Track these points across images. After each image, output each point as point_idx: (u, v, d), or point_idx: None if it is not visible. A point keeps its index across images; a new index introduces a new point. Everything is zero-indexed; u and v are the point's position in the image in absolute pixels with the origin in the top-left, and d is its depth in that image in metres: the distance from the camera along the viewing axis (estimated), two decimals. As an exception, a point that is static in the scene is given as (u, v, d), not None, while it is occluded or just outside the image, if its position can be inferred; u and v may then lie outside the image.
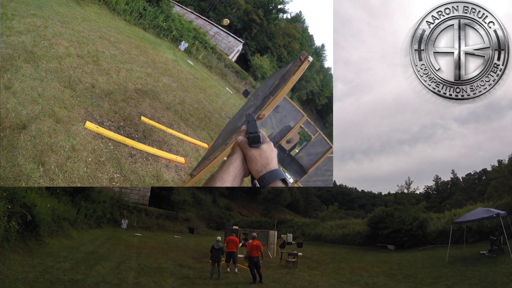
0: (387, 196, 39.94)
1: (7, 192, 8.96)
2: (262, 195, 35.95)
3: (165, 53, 24.16)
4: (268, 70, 40.60)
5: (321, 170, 14.97)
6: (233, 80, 36.80)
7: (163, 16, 30.43)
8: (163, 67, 19.38)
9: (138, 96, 11.94)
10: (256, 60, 40.28)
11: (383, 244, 20.54)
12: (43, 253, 9.94)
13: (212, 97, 22.35)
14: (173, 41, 31.57)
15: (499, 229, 13.64)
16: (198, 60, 33.08)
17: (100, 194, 22.00)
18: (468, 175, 44.42)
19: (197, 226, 27.63)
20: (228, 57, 38.78)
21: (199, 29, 36.15)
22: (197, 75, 25.69)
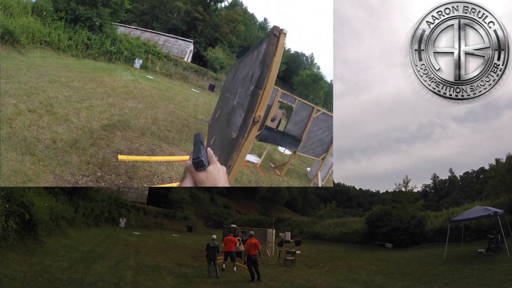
0: (385, 194, 40.08)
1: (5, 191, 8.92)
2: (260, 194, 35.98)
3: (122, 76, 23.68)
4: (224, 58, 41.94)
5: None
6: (195, 79, 37.54)
7: (110, 40, 30.03)
8: (124, 91, 18.66)
9: (107, 134, 11.01)
10: (210, 53, 41.30)
11: (381, 242, 20.60)
12: (41, 252, 9.92)
13: (182, 103, 22.15)
14: (126, 61, 31.27)
15: (497, 227, 13.70)
16: (156, 72, 33.44)
17: (98, 193, 21.96)
18: (466, 173, 44.59)
19: (195, 225, 27.65)
20: (184, 60, 39.66)
21: (148, 42, 36.61)
22: (160, 87, 25.60)
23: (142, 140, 11.70)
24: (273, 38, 3.24)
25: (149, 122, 14.13)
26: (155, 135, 12.75)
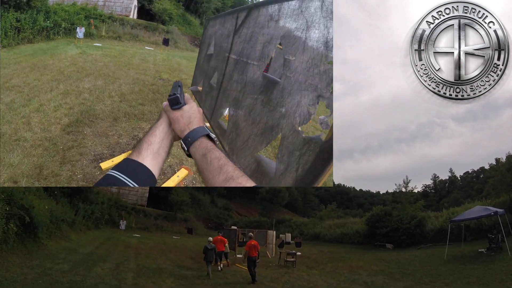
0: (385, 195, 40.06)
1: (5, 194, 8.92)
2: (260, 195, 35.98)
3: (67, 52, 21.17)
4: (173, 9, 40.01)
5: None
6: (147, 36, 35.14)
7: (42, 15, 25.81)
8: (74, 69, 16.60)
9: (74, 137, 9.34)
10: (158, 5, 38.84)
11: (381, 243, 20.59)
12: (42, 255, 9.90)
13: (141, 65, 20.61)
14: (67, 34, 27.88)
15: (497, 227, 13.69)
16: (103, 37, 30.72)
17: (98, 195, 21.97)
18: (466, 173, 44.62)
19: (195, 227, 27.64)
20: (130, 18, 36.56)
21: (87, 6, 32.68)
22: (113, 53, 23.35)
23: (118, 128, 10.26)
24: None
25: (117, 101, 12.56)
26: (129, 116, 11.32)
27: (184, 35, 39.37)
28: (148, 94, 14.07)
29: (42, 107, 11.11)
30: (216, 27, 9.09)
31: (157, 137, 1.38)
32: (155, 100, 13.36)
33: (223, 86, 6.67)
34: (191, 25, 44.24)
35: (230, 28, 6.92)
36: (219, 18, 9.21)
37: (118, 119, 10.86)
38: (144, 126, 10.68)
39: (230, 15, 7.44)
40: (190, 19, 45.45)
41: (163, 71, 19.81)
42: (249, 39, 5.33)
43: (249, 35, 5.39)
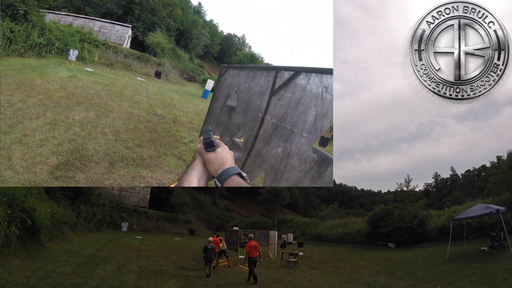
0: (386, 194, 39.89)
1: (7, 197, 8.94)
2: (261, 196, 35.94)
3: (57, 73, 20.06)
4: (166, 43, 40.87)
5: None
6: (139, 66, 34.97)
7: (37, 30, 25.10)
8: (64, 95, 15.25)
9: (64, 183, 8.28)
10: (152, 38, 39.48)
11: (383, 242, 20.56)
12: (44, 257, 9.92)
13: (134, 98, 19.63)
14: (59, 54, 26.92)
15: (499, 225, 13.67)
16: (95, 63, 29.99)
17: (100, 198, 21.98)
18: (467, 171, 44.41)
19: (197, 228, 27.62)
20: (123, 47, 36.60)
21: (82, 29, 32.48)
22: (104, 81, 22.42)
23: (115, 175, 9.08)
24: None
25: (112, 140, 11.37)
26: (127, 160, 10.07)
27: (175, 68, 40.05)
28: (144, 134, 13.04)
29: (25, 138, 9.73)
30: (240, 79, 8.51)
31: (195, 177, 1.55)
32: (153, 141, 12.35)
33: (255, 149, 6.31)
34: (180, 59, 45.58)
35: (264, 85, 6.55)
36: (245, 70, 8.53)
37: (115, 164, 9.64)
38: (145, 175, 9.56)
39: (263, 70, 6.94)
40: (180, 53, 46.94)
41: (156, 105, 19.31)
42: (295, 106, 5.12)
43: (295, 101, 5.17)
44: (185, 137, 14.16)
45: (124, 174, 9.31)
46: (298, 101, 5.06)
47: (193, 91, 34.97)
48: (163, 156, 11.28)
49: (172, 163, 10.87)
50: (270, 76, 6.28)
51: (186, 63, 45.58)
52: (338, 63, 10.14)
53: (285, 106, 5.41)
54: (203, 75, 44.03)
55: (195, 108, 22.90)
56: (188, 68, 44.29)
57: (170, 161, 10.94)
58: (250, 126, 6.69)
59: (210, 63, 55.06)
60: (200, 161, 1.61)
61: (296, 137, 4.91)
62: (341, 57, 9.90)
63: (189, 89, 35.77)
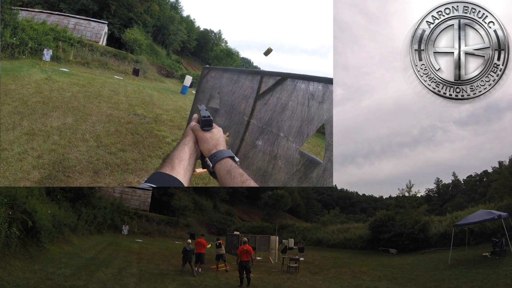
0: (388, 199, 39.87)
1: (8, 198, 8.95)
2: (263, 200, 35.90)
3: (31, 76, 19.09)
4: (143, 40, 40.20)
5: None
6: (116, 64, 33.88)
7: (9, 30, 23.80)
8: (40, 100, 14.52)
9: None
10: (129, 35, 38.47)
11: (385, 248, 20.48)
12: (44, 259, 9.91)
13: (112, 98, 18.98)
14: (32, 54, 25.76)
15: (501, 230, 13.60)
16: (71, 62, 28.72)
17: (101, 200, 22.02)
18: (469, 177, 44.33)
19: (198, 232, 27.55)
20: (99, 44, 35.17)
21: (57, 27, 30.77)
22: (81, 82, 21.51)
23: (100, 184, 9.02)
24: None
25: (93, 146, 10.89)
26: (112, 167, 9.73)
27: (152, 65, 39.67)
28: (126, 136, 12.61)
29: (3, 152, 9.08)
30: (223, 81, 8.45)
31: (186, 154, 1.54)
32: (136, 143, 11.97)
33: (241, 151, 6.29)
34: (158, 55, 45.50)
35: (249, 89, 6.53)
36: (228, 72, 8.41)
37: (100, 172, 9.31)
38: (131, 180, 9.32)
39: (248, 74, 6.91)
40: (157, 49, 46.87)
41: (136, 104, 18.76)
42: (281, 111, 5.18)
43: (281, 106, 5.24)
44: (168, 136, 14.02)
45: (111, 182, 9.08)
46: (284, 106, 5.13)
47: (171, 87, 34.40)
48: (147, 158, 11.01)
49: (157, 164, 10.48)
50: (255, 80, 6.28)
51: (163, 59, 45.57)
52: (339, 69, 10.21)
53: (271, 111, 5.45)
54: (180, 71, 43.93)
55: (175, 105, 22.69)
56: (165, 64, 44.25)
57: (155, 163, 10.73)
58: (235, 129, 6.69)
59: (187, 58, 55.77)
60: (192, 139, 1.61)
61: (282, 141, 4.97)
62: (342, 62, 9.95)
63: (167, 85, 35.31)
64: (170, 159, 1.50)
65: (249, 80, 6.61)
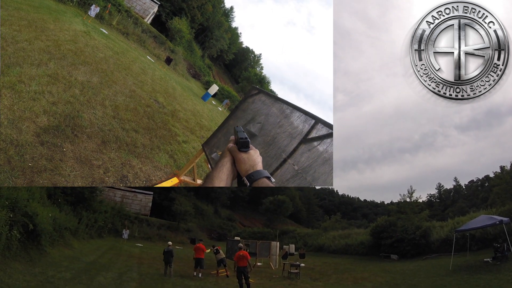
0: (389, 205, 39.69)
1: (9, 200, 8.96)
2: (264, 206, 35.82)
3: (71, 24, 18.58)
4: (187, 33, 39.94)
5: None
6: (152, 46, 33.85)
7: None
8: (73, 49, 14.19)
9: (50, 151, 7.26)
10: (175, 23, 38.50)
11: (386, 254, 20.38)
12: (44, 262, 9.90)
13: (140, 76, 18.69)
14: (80, 5, 25.50)
15: (503, 236, 13.55)
16: (112, 27, 28.42)
17: (102, 204, 22.01)
18: (471, 182, 44.17)
19: (198, 237, 27.50)
20: (144, 21, 34.87)
21: None
22: (116, 48, 21.25)
23: (105, 157, 8.39)
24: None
25: (110, 115, 10.54)
26: (121, 143, 9.43)
27: (185, 60, 39.38)
28: (142, 119, 12.33)
29: (19, 85, 8.61)
30: (273, 110, 7.86)
31: (225, 174, 1.63)
32: (149, 129, 11.64)
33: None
34: (193, 53, 45.05)
35: (298, 129, 6.12)
36: (282, 103, 7.74)
37: (107, 144, 8.98)
38: (135, 165, 9.01)
39: (302, 114, 6.38)
40: (195, 47, 46.35)
41: (159, 91, 18.55)
42: (322, 163, 4.95)
43: (323, 159, 5.02)
44: (179, 135, 13.75)
45: (115, 158, 8.64)
46: (327, 161, 4.97)
47: (195, 89, 34.29)
48: (156, 149, 10.68)
49: (163, 159, 10.30)
50: (307, 123, 5.99)
51: (196, 59, 45.18)
52: (340, 75, 10.21)
53: (313, 159, 5.18)
54: (208, 77, 43.69)
55: (194, 107, 22.52)
56: (197, 64, 43.84)
57: (161, 157, 10.37)
58: (267, 162, 6.25)
59: (218, 68, 55.19)
60: (229, 160, 1.68)
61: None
62: (343, 68, 9.95)
63: (191, 85, 35.13)
64: (210, 180, 1.61)
65: (301, 121, 6.24)
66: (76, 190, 18.50)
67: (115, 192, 26.74)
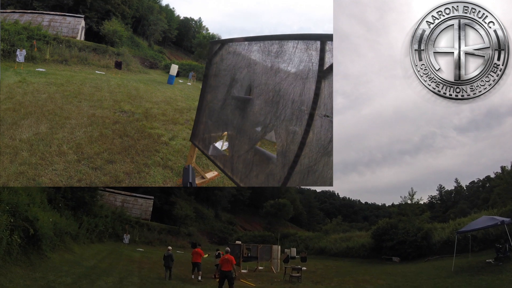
0: (390, 207, 39.70)
1: (10, 205, 8.95)
2: (264, 209, 35.77)
3: (3, 80, 17.17)
4: (123, 31, 38.70)
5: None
6: (97, 59, 32.15)
7: None
8: (11, 106, 13.11)
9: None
10: (107, 27, 36.94)
11: (387, 256, 20.31)
12: (45, 267, 9.86)
13: (95, 95, 17.46)
14: (6, 57, 24.08)
15: (504, 236, 13.51)
16: (48, 61, 27.13)
17: (102, 209, 22.00)
18: (472, 183, 44.16)
19: (199, 241, 27.44)
20: (77, 39, 33.37)
21: (30, 25, 28.96)
22: (59, 81, 19.89)
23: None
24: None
25: (73, 161, 9.05)
26: (100, 185, 8.49)
27: (135, 57, 38.62)
28: (114, 141, 10.73)
29: None
30: (254, 56, 5.86)
31: None
32: (127, 149, 10.14)
33: (304, 163, 4.52)
34: (139, 47, 44.58)
35: (302, 64, 4.39)
36: (256, 42, 5.85)
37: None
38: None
39: (298, 41, 4.52)
40: (138, 41, 46.01)
41: (122, 100, 17.07)
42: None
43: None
44: (163, 135, 12.64)
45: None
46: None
47: (157, 78, 33.40)
48: (144, 169, 9.39)
49: (157, 175, 9.17)
50: (312, 48, 4.24)
51: (145, 51, 44.68)
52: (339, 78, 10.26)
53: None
54: (164, 61, 42.71)
55: (164, 96, 21.59)
56: (148, 55, 43.24)
57: (154, 174, 9.20)
58: (286, 128, 4.55)
59: (169, 48, 54.83)
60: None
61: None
62: (342, 71, 10.00)
63: (153, 76, 34.32)
64: None
65: (302, 50, 4.38)
66: (77, 195, 18.46)
67: (115, 196, 26.70)
